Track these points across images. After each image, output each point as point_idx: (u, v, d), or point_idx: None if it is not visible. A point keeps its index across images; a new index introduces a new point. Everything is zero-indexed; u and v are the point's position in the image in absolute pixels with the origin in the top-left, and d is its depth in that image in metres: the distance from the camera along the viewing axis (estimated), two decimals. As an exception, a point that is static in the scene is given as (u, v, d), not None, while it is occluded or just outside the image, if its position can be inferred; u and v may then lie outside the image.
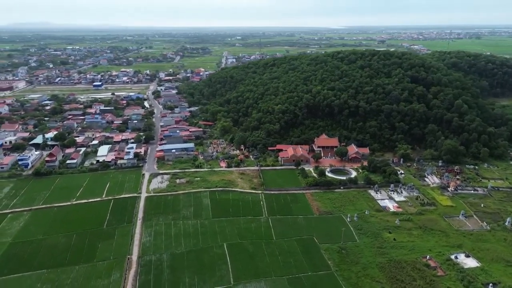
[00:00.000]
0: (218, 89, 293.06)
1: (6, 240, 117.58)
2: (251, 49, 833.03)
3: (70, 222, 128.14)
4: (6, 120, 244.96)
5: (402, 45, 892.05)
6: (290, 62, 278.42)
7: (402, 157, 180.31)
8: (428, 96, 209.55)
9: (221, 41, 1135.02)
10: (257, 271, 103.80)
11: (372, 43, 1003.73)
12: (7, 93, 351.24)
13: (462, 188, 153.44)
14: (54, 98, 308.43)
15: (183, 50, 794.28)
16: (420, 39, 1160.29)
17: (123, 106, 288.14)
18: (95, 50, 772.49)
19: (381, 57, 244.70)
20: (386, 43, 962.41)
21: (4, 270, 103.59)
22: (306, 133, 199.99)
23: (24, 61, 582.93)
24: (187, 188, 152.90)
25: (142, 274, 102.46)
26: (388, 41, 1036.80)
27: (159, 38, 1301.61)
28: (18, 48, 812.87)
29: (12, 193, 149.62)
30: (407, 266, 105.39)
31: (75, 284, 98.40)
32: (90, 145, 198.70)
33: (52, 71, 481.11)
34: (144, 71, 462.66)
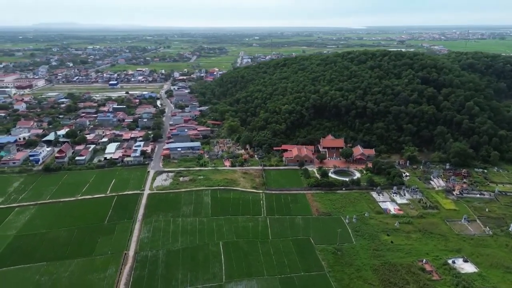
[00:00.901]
0: (229, 89, 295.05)
1: (11, 233, 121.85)
2: (267, 49, 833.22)
3: (73, 217, 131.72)
4: (23, 117, 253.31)
5: (422, 45, 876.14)
6: (300, 62, 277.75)
7: (409, 159, 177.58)
8: (438, 97, 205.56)
9: (238, 41, 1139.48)
10: (250, 270, 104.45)
11: (391, 43, 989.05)
12: (26, 91, 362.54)
13: (468, 192, 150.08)
14: (70, 96, 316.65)
15: (200, 50, 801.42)
16: (442, 39, 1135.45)
17: (136, 104, 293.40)
18: (114, 50, 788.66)
19: (392, 58, 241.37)
20: (405, 44, 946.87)
21: (7, 261, 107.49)
22: (312, 133, 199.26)
23: (45, 60, 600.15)
24: (189, 186, 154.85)
25: (137, 269, 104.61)
26: (407, 42, 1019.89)
27: (178, 38, 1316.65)
28: (41, 48, 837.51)
29: (21, 187, 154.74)
30: (402, 269, 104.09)
31: (72, 277, 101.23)
32: (100, 142, 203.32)
33: (71, 70, 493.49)
34: (159, 71, 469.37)
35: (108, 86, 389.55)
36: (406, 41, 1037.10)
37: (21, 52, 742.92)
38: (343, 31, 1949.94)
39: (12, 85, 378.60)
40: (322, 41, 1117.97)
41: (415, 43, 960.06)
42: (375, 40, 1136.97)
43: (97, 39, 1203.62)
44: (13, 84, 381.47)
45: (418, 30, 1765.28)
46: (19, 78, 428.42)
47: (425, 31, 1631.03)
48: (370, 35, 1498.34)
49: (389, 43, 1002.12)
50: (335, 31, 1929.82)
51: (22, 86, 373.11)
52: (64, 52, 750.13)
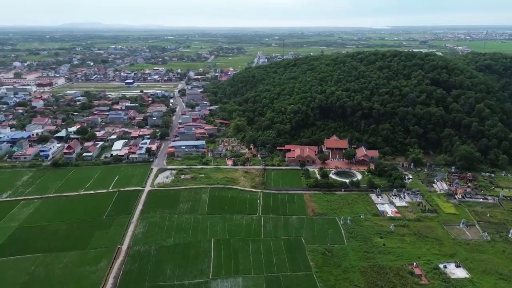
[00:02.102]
0: (240, 89, 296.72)
1: (14, 224, 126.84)
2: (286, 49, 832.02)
3: (74, 211, 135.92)
4: (39, 114, 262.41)
5: (445, 45, 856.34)
6: (310, 62, 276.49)
7: (413, 162, 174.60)
8: (448, 99, 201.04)
9: (258, 41, 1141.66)
10: (237, 267, 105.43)
11: (413, 43, 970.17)
12: (46, 88, 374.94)
13: (471, 196, 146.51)
14: (86, 94, 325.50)
15: (219, 49, 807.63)
16: (467, 39, 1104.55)
17: (148, 103, 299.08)
18: (134, 49, 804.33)
19: (402, 59, 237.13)
20: (428, 44, 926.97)
21: (7, 252, 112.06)
22: (317, 134, 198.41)
23: (68, 59, 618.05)
24: (189, 184, 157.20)
25: (128, 264, 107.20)
26: (430, 42, 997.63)
27: (199, 38, 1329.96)
28: (65, 47, 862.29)
29: (29, 181, 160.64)
30: (390, 272, 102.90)
31: (65, 269, 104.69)
32: (109, 139, 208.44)
33: (91, 69, 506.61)
34: (175, 70, 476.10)
35: (124, 84, 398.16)
36: (429, 42, 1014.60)
37: (46, 51, 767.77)
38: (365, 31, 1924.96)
39: (34, 83, 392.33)
40: (342, 41, 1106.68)
41: (438, 43, 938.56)
42: (397, 40, 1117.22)
43: (120, 39, 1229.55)
44: (35, 82, 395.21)
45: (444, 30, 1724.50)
46: (41, 76, 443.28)
47: (450, 31, 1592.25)
48: (392, 35, 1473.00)
49: (411, 43, 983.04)
50: (357, 31, 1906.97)
51: (42, 84, 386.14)
52: (87, 51, 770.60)
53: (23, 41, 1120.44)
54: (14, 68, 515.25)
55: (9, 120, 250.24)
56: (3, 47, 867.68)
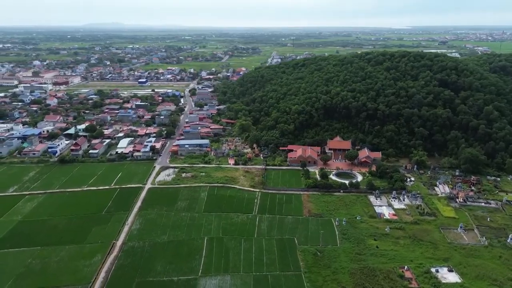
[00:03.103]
0: (249, 88, 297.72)
1: (16, 218, 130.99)
2: (302, 49, 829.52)
3: (76, 206, 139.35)
4: (52, 111, 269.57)
5: (465, 46, 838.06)
6: (318, 62, 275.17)
7: (417, 164, 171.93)
8: (455, 100, 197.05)
9: (274, 41, 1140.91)
10: (227, 265, 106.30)
11: (432, 44, 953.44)
12: (62, 87, 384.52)
13: (473, 200, 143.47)
14: (99, 93, 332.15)
15: (234, 49, 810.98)
16: (489, 40, 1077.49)
17: (158, 102, 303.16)
18: (151, 49, 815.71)
19: (410, 59, 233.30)
20: (447, 44, 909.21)
21: (7, 244, 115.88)
22: (321, 134, 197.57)
23: (86, 58, 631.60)
24: (189, 182, 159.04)
25: (120, 259, 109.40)
26: (450, 42, 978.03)
27: (216, 38, 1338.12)
28: (85, 47, 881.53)
29: (35, 177, 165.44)
30: (380, 274, 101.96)
31: (61, 262, 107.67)
32: (116, 137, 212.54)
33: (107, 68, 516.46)
34: (188, 70, 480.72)
35: (137, 84, 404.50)
36: (449, 42, 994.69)
37: (66, 50, 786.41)
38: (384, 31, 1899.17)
39: (50, 81, 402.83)
40: (359, 41, 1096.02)
41: (458, 44, 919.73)
42: (416, 40, 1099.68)
43: (138, 39, 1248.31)
44: (51, 81, 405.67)
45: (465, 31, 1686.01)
46: (58, 75, 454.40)
47: (472, 32, 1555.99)
48: (412, 35, 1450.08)
49: (430, 43, 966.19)
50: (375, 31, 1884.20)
51: (58, 83, 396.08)
52: (105, 51, 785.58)
53: (45, 40, 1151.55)
54: (33, 66, 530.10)
55: (23, 117, 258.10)
56: (25, 47, 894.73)
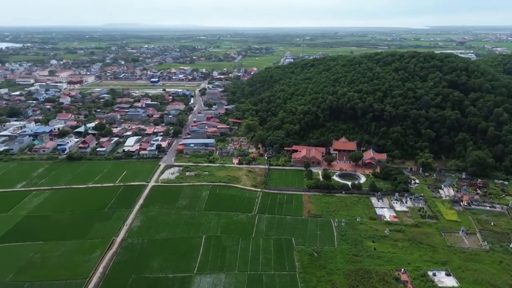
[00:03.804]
0: (258, 88, 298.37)
1: (22, 213, 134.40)
2: (316, 49, 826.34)
3: (80, 203, 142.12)
4: (65, 110, 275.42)
5: (484, 47, 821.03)
6: (327, 63, 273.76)
7: (422, 166, 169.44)
8: (465, 102, 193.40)
9: (289, 41, 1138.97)
10: (223, 264, 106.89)
11: (450, 44, 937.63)
12: (76, 86, 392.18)
13: (478, 204, 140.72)
14: (111, 92, 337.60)
15: (247, 49, 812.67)
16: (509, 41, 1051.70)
17: (168, 101, 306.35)
18: (165, 49, 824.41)
19: (420, 60, 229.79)
20: (465, 45, 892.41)
21: (11, 238, 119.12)
22: (326, 135, 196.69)
23: (102, 58, 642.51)
24: (192, 181, 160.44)
25: (119, 255, 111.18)
26: (468, 43, 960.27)
27: (230, 38, 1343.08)
28: (101, 46, 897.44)
29: (44, 173, 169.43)
30: (375, 276, 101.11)
31: (61, 256, 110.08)
32: (124, 135, 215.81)
33: (121, 67, 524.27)
34: (200, 69, 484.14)
35: (150, 83, 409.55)
36: (467, 42, 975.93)
37: (83, 50, 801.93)
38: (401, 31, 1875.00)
39: (65, 80, 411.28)
40: (375, 41, 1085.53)
41: (477, 44, 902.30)
42: (433, 41, 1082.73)
43: (154, 39, 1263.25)
44: (66, 80, 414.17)
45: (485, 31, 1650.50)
46: (73, 74, 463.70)
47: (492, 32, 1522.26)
48: (429, 35, 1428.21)
49: (448, 44, 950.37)
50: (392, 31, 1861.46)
51: (73, 82, 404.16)
52: (121, 50, 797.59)
53: (64, 40, 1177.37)
54: (50, 66, 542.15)
55: (37, 115, 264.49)
56: (44, 46, 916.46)
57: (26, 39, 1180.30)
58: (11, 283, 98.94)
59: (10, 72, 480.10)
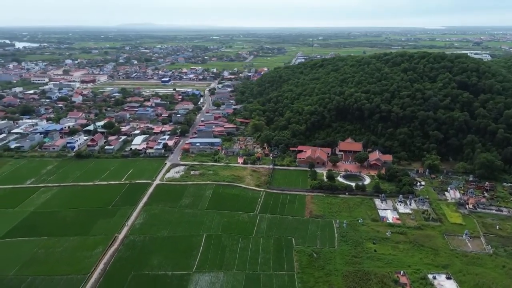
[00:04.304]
0: (266, 88, 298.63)
1: (29, 209, 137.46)
2: (328, 49, 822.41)
3: (85, 199, 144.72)
4: (76, 108, 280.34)
5: (501, 47, 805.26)
6: (336, 63, 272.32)
7: (429, 168, 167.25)
8: (474, 104, 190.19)
9: (301, 41, 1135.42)
10: (222, 263, 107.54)
11: (466, 44, 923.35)
12: (89, 85, 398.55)
13: (484, 207, 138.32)
14: (122, 91, 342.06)
15: (259, 50, 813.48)
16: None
17: (178, 101, 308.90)
18: (178, 49, 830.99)
19: (430, 60, 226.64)
20: (481, 45, 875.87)
21: (17, 233, 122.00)
22: (332, 136, 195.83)
23: (115, 57, 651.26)
24: (196, 180, 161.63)
25: (120, 252, 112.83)
26: (485, 43, 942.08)
27: (243, 38, 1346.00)
28: (116, 46, 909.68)
29: (52, 170, 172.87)
30: (374, 278, 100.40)
31: (64, 252, 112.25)
32: (132, 134, 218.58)
33: (133, 67, 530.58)
34: (211, 69, 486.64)
35: (161, 82, 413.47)
36: (484, 43, 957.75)
37: (98, 50, 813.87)
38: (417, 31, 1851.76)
39: (78, 79, 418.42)
40: (389, 41, 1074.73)
41: (493, 45, 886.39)
42: (448, 41, 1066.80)
43: (168, 39, 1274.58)
44: (79, 79, 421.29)
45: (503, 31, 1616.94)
46: (86, 73, 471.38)
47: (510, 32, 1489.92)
48: (445, 35, 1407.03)
49: (463, 44, 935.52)
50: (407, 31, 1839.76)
51: (86, 81, 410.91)
52: (134, 50, 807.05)
53: (80, 40, 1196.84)
54: (65, 65, 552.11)
55: (49, 113, 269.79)
56: (60, 46, 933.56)
57: (43, 39, 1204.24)
58: (15, 277, 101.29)
59: (26, 71, 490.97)
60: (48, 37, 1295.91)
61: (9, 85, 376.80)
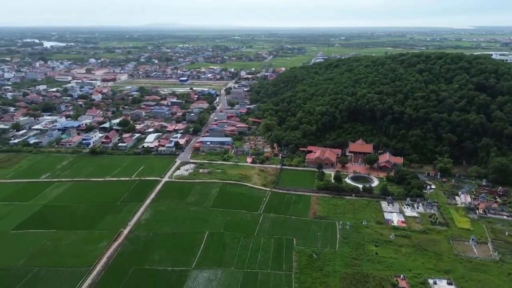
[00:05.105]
0: (281, 88, 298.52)
1: (42, 202, 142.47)
2: (349, 49, 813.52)
3: (95, 195, 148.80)
4: (95, 106, 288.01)
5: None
6: (350, 63, 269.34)
7: (440, 171, 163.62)
8: (491, 106, 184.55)
9: (323, 41, 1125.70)
10: (221, 260, 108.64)
11: (493, 45, 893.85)
12: (109, 83, 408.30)
13: (495, 212, 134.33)
14: (140, 90, 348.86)
15: (279, 49, 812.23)
16: None
17: (193, 100, 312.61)
18: (198, 49, 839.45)
19: (447, 61, 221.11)
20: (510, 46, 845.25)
21: (28, 225, 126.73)
22: (343, 136, 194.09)
23: (137, 57, 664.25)
24: (204, 178, 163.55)
25: (124, 246, 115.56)
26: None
27: (264, 38, 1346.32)
28: (139, 46, 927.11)
29: (67, 166, 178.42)
30: (372, 281, 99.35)
31: (71, 245, 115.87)
32: (146, 132, 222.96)
33: (153, 66, 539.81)
34: (229, 69, 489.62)
35: (179, 82, 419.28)
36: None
37: (121, 49, 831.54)
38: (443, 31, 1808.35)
39: (100, 78, 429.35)
40: (413, 42, 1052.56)
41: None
42: (476, 41, 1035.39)
43: (190, 38, 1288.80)
44: (101, 77, 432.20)
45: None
46: (108, 72, 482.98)
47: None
48: (473, 36, 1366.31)
49: (491, 45, 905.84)
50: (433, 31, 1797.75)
51: (107, 79, 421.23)
52: (156, 50, 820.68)
53: (105, 40, 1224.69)
54: (88, 64, 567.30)
55: (69, 110, 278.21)
56: (85, 45, 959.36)
57: (70, 39, 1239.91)
58: (22, 267, 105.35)
59: (51, 69, 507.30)
60: (76, 37, 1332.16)
61: (34, 83, 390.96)
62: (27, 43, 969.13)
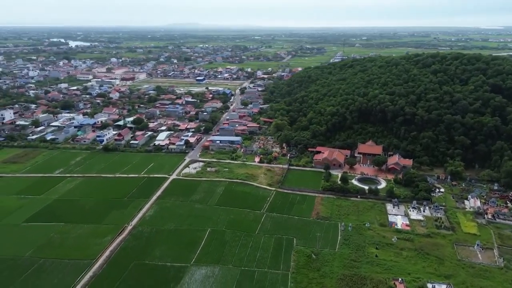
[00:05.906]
0: (295, 88, 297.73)
1: (53, 197, 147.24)
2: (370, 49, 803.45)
3: (104, 190, 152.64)
4: (112, 104, 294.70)
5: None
6: (364, 63, 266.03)
7: (451, 175, 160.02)
8: (507, 108, 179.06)
9: (343, 41, 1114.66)
10: (220, 258, 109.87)
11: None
12: (128, 82, 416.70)
13: (505, 218, 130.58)
14: (157, 89, 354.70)
15: (298, 50, 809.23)
16: None
17: (208, 99, 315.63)
18: (218, 48, 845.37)
19: (463, 62, 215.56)
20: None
21: (39, 218, 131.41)
22: (353, 137, 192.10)
23: (157, 56, 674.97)
24: (211, 176, 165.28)
25: (127, 241, 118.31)
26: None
27: (284, 38, 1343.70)
28: (160, 46, 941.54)
29: (80, 161, 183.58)
30: (369, 283, 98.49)
31: (77, 238, 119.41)
32: (159, 130, 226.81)
33: (171, 66, 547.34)
34: (246, 69, 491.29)
35: (196, 81, 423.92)
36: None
37: (142, 49, 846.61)
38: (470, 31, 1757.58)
39: (119, 77, 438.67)
40: (437, 42, 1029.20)
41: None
42: (502, 42, 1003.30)
43: (210, 38, 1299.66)
44: (120, 76, 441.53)
45: None
46: (127, 71, 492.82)
47: None
48: (500, 36, 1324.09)
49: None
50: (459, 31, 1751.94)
51: (126, 78, 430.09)
52: (177, 50, 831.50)
53: (128, 39, 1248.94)
54: (110, 63, 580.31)
55: (87, 108, 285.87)
56: (109, 45, 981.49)
57: (95, 38, 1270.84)
58: (28, 258, 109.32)
59: (74, 68, 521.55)
60: (100, 37, 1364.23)
61: (57, 81, 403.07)
62: (53, 42, 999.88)
